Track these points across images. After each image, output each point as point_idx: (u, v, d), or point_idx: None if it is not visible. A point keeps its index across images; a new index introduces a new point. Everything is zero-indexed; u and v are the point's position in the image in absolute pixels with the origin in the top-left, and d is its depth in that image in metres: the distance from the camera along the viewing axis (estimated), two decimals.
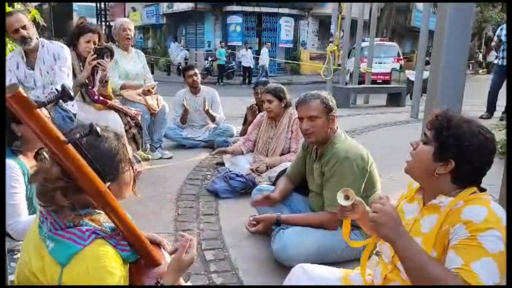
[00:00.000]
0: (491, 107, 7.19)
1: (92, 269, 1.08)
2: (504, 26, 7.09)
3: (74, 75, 3.41)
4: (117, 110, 3.64)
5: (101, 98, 3.56)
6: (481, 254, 1.14)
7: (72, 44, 3.53)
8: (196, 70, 5.01)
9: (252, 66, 17.50)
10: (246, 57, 17.19)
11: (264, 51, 17.61)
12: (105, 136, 1.20)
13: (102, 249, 1.12)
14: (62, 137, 0.99)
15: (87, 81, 3.47)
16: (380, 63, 13.88)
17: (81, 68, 3.49)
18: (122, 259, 1.17)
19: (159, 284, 1.23)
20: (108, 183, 1.16)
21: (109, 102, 3.61)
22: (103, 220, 1.20)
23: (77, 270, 1.08)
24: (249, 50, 17.46)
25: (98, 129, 1.05)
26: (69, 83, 3.21)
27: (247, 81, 17.19)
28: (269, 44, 18.97)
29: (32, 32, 3.07)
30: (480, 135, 1.27)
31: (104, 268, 1.09)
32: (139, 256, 1.25)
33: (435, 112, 1.36)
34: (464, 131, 1.27)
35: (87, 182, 1.07)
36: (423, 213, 1.34)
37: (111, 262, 1.11)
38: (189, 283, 1.45)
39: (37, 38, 3.12)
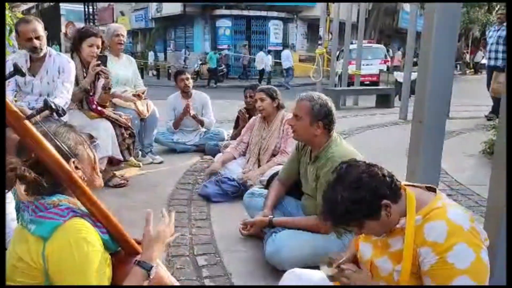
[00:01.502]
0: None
1: (73, 241, 1.14)
2: (492, 27, 7.23)
3: (77, 82, 3.38)
4: (111, 120, 3.58)
5: (99, 108, 3.51)
6: (454, 274, 1.18)
7: (75, 49, 3.50)
8: (188, 75, 5.01)
9: (269, 70, 17.90)
10: (263, 61, 17.66)
11: (287, 53, 17.80)
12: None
13: (81, 225, 1.19)
14: (21, 114, 1.08)
15: (89, 87, 3.43)
16: (367, 65, 14.00)
17: (85, 74, 3.46)
18: (103, 242, 1.22)
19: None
20: (75, 161, 1.25)
21: (105, 112, 3.56)
22: (80, 205, 1.26)
23: (59, 243, 1.14)
24: (266, 53, 18.08)
25: (53, 104, 1.17)
26: (68, 98, 3.19)
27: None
28: (288, 47, 19.55)
29: (44, 42, 3.08)
30: (355, 190, 1.27)
31: (84, 239, 1.16)
32: (119, 248, 1.31)
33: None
34: (348, 203, 1.27)
35: (49, 158, 1.15)
36: (389, 234, 1.36)
37: (90, 235, 1.18)
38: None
39: (46, 47, 3.13)
